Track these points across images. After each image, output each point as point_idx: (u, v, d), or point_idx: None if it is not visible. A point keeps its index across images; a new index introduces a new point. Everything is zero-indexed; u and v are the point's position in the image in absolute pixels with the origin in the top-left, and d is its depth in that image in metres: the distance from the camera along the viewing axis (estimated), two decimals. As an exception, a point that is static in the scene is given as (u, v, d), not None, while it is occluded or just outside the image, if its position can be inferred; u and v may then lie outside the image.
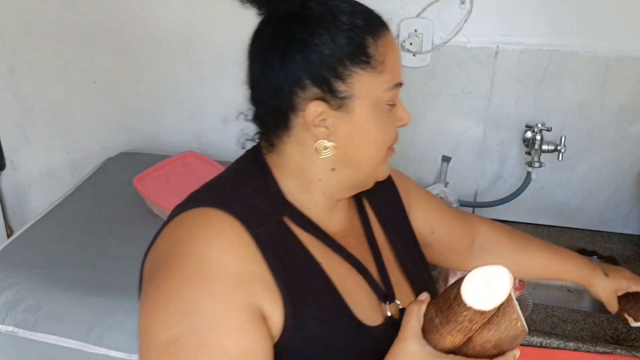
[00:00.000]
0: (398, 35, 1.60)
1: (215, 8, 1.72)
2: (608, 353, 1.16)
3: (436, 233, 1.04)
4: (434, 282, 0.97)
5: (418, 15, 1.58)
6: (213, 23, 1.74)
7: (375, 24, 0.77)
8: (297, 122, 0.77)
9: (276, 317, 0.72)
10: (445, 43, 1.59)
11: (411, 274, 0.91)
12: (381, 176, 0.85)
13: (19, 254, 1.41)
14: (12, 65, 1.94)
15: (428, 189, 1.66)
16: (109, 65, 1.88)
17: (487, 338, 0.66)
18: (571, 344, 1.18)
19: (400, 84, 0.81)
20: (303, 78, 0.74)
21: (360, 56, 0.75)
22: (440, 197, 1.64)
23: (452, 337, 0.67)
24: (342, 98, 0.76)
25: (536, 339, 1.20)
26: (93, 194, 1.69)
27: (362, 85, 0.76)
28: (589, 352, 1.17)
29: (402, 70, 0.82)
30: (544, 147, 1.52)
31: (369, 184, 0.85)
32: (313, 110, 0.75)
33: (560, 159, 1.53)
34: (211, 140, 1.91)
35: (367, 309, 0.81)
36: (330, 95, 0.75)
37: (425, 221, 1.02)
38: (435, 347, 0.69)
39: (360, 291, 0.82)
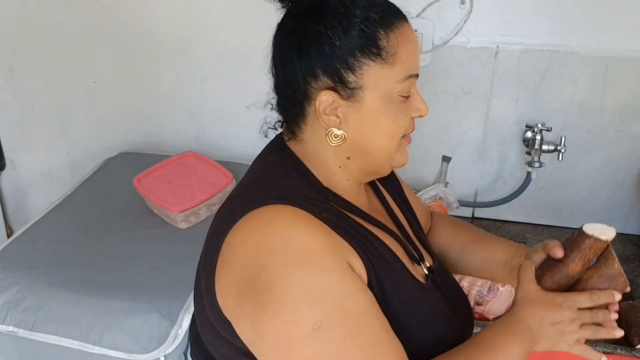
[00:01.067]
0: (398, 35, 1.60)
1: (215, 8, 1.72)
2: (608, 353, 1.16)
3: None
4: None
5: (418, 15, 1.58)
6: (213, 23, 1.74)
7: (390, 17, 0.80)
8: (311, 110, 0.82)
9: (363, 280, 0.78)
10: (445, 43, 1.59)
11: (421, 239, 1.00)
12: (397, 164, 0.88)
13: (19, 254, 1.41)
14: (12, 66, 1.94)
15: (428, 189, 1.66)
16: (109, 65, 1.88)
17: (591, 274, 0.85)
18: (571, 344, 1.18)
19: (415, 76, 0.83)
20: (316, 68, 0.79)
21: (371, 48, 0.78)
22: (440, 198, 1.64)
23: (573, 265, 0.85)
24: (352, 88, 0.79)
25: (536, 339, 1.20)
26: (93, 194, 1.69)
27: (371, 76, 0.79)
28: (589, 352, 1.17)
29: (418, 64, 0.84)
30: (544, 147, 1.53)
31: (387, 171, 0.90)
32: (324, 99, 0.80)
33: (560, 159, 1.53)
34: (211, 140, 1.91)
35: (414, 269, 0.89)
36: (341, 85, 0.79)
37: None
38: (557, 282, 0.87)
39: (405, 256, 0.90)
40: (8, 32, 1.89)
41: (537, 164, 1.54)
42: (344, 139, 0.82)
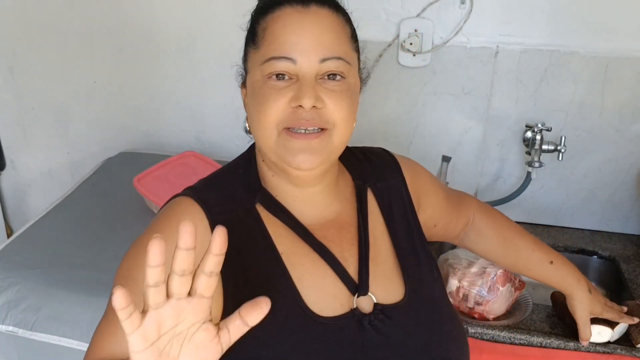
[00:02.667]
0: (398, 35, 1.60)
1: (215, 8, 1.72)
2: (608, 353, 1.16)
3: (437, 226, 1.04)
4: (437, 282, 0.92)
5: (418, 15, 1.58)
6: (213, 23, 1.74)
7: (270, 3, 0.80)
8: None
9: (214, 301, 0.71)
10: (445, 43, 1.58)
11: (408, 271, 0.87)
12: (289, 162, 0.78)
13: (19, 254, 1.41)
14: (12, 66, 1.94)
15: (428, 189, 1.66)
16: (109, 65, 1.88)
17: None
18: (571, 344, 1.18)
19: (282, 58, 0.76)
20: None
21: (250, 35, 0.82)
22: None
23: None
24: (245, 77, 0.84)
25: (536, 339, 1.20)
26: (93, 194, 1.69)
27: (250, 62, 0.82)
28: (589, 352, 1.17)
29: (295, 46, 0.76)
30: (544, 147, 1.52)
31: (291, 171, 0.80)
32: (241, 92, 0.86)
33: (560, 158, 1.53)
34: (211, 140, 1.91)
35: (328, 299, 0.79)
36: (244, 76, 0.85)
37: (430, 216, 1.00)
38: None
39: (324, 281, 0.80)
40: (8, 32, 1.89)
41: (537, 164, 1.54)
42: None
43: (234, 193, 0.83)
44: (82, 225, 1.53)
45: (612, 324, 1.17)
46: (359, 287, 0.81)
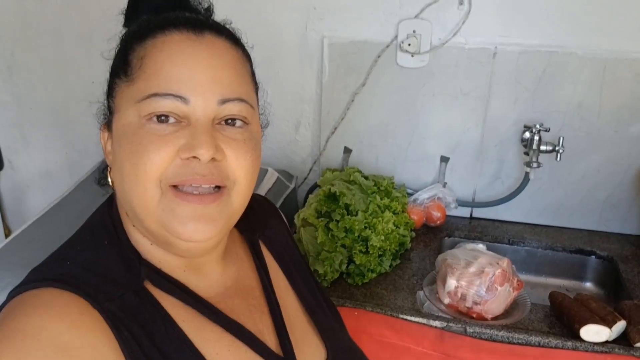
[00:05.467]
0: (396, 36, 1.60)
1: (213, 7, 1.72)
2: (606, 352, 1.16)
3: None
4: (343, 327, 0.85)
5: (416, 16, 1.58)
6: (212, 23, 1.74)
7: (152, 27, 0.66)
8: None
9: None
10: (443, 44, 1.59)
11: (321, 326, 0.79)
12: (178, 233, 0.63)
13: (17, 254, 1.41)
14: (11, 66, 1.93)
15: (426, 189, 1.66)
16: (107, 65, 1.87)
17: None
18: (569, 344, 1.19)
19: (170, 95, 0.61)
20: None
21: (120, 64, 0.67)
22: (439, 198, 1.64)
23: None
24: (111, 117, 0.67)
25: (534, 339, 1.20)
26: (91, 193, 1.68)
27: (119, 98, 0.66)
28: (587, 351, 1.17)
29: (187, 82, 0.62)
30: (542, 147, 1.53)
31: (177, 244, 0.65)
32: (101, 136, 0.70)
33: (558, 159, 1.53)
34: (210, 141, 1.90)
35: None
36: (109, 116, 0.68)
37: None
38: None
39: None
40: (6, 32, 1.89)
41: (535, 164, 1.54)
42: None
43: (108, 272, 0.63)
44: (80, 225, 1.52)
45: (610, 323, 1.17)
46: (286, 357, 0.70)
